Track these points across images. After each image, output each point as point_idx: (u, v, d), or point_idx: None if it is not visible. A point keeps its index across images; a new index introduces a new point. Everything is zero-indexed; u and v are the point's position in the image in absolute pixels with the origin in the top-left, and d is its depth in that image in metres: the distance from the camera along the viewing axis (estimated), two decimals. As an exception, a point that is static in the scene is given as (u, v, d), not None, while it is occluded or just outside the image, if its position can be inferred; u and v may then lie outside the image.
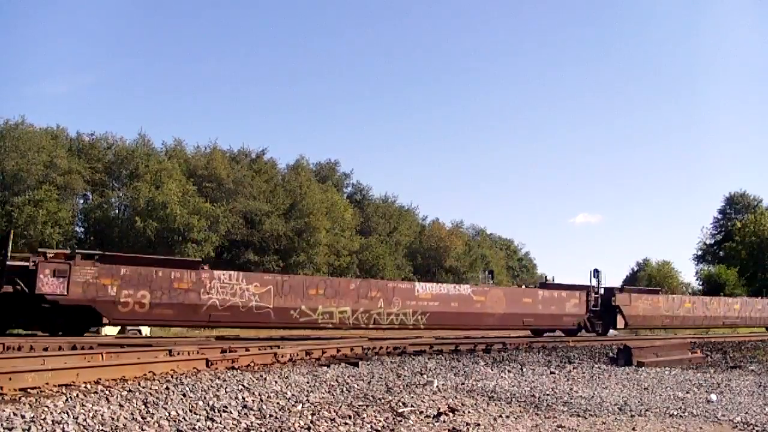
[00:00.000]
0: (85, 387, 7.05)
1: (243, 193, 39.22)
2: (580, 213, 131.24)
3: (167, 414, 5.91)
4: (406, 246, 52.45)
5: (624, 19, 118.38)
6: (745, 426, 6.79)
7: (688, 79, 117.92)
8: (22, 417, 5.27)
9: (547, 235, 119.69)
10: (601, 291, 23.37)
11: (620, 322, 23.40)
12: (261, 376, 8.70)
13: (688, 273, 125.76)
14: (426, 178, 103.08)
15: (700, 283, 52.96)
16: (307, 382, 8.52)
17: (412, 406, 7.08)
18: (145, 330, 20.54)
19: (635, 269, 71.31)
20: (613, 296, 23.26)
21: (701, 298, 30.27)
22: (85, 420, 5.41)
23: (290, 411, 6.51)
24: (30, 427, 5.03)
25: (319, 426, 5.83)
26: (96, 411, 5.73)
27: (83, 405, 5.91)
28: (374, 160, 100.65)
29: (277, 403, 6.91)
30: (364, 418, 6.26)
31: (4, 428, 4.98)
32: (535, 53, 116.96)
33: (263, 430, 5.65)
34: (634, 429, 6.40)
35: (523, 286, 24.95)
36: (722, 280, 47.67)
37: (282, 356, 11.12)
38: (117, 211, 37.17)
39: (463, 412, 6.86)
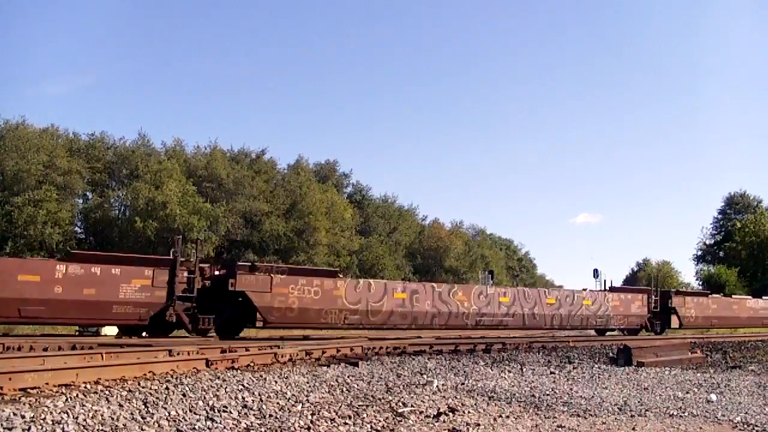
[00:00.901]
0: (85, 387, 7.04)
1: (243, 193, 39.22)
2: (581, 213, 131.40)
3: (167, 414, 5.91)
4: (406, 246, 52.47)
5: (624, 19, 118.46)
6: (745, 426, 6.79)
7: (688, 79, 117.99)
8: (22, 417, 5.27)
9: (548, 236, 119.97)
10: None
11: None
12: (261, 376, 8.70)
13: (688, 273, 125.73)
14: (426, 178, 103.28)
15: (700, 283, 52.91)
16: (307, 382, 8.51)
17: (412, 406, 7.08)
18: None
19: (635, 269, 71.41)
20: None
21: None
22: (85, 420, 5.40)
23: (290, 411, 6.51)
24: (30, 427, 5.03)
25: (319, 426, 5.83)
26: (96, 411, 5.73)
27: (83, 405, 5.90)
28: (374, 160, 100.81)
29: (277, 403, 6.91)
30: (364, 418, 6.26)
31: (4, 428, 4.97)
32: (535, 53, 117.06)
33: (263, 430, 5.65)
34: (634, 429, 6.40)
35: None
36: (722, 281, 47.65)
37: (282, 356, 11.12)
38: (117, 211, 37.17)
39: (463, 412, 6.86)
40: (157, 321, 15.14)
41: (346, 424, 5.98)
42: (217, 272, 16.73)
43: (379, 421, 6.19)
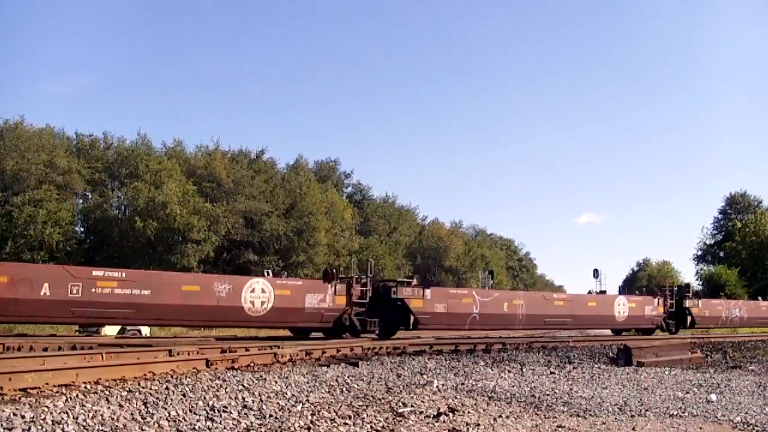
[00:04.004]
0: (85, 387, 7.04)
1: (243, 193, 39.19)
2: (585, 213, 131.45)
3: (167, 414, 5.91)
4: (406, 246, 52.47)
5: (624, 19, 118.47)
6: (745, 426, 6.79)
7: (688, 79, 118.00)
8: (22, 417, 5.27)
9: (549, 236, 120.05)
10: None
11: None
12: (261, 376, 8.70)
13: (688, 273, 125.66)
14: (426, 178, 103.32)
15: (701, 283, 52.91)
16: (307, 382, 8.51)
17: (412, 406, 7.08)
18: (145, 330, 20.53)
19: (635, 269, 71.43)
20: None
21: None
22: (85, 420, 5.41)
23: (290, 411, 6.51)
24: (30, 427, 5.03)
25: (319, 426, 5.83)
26: (96, 411, 5.73)
27: (83, 405, 5.90)
28: (374, 160, 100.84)
29: (277, 403, 6.91)
30: (364, 418, 6.26)
31: (4, 428, 4.98)
32: (536, 52, 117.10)
33: (263, 430, 5.65)
34: (634, 429, 6.40)
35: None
36: (722, 281, 47.64)
37: (282, 356, 11.12)
38: (117, 211, 37.14)
39: (463, 412, 6.86)
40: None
41: (346, 424, 5.98)
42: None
43: (379, 421, 6.19)
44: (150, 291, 14.80)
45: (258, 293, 16.32)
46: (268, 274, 18.58)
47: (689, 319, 26.85)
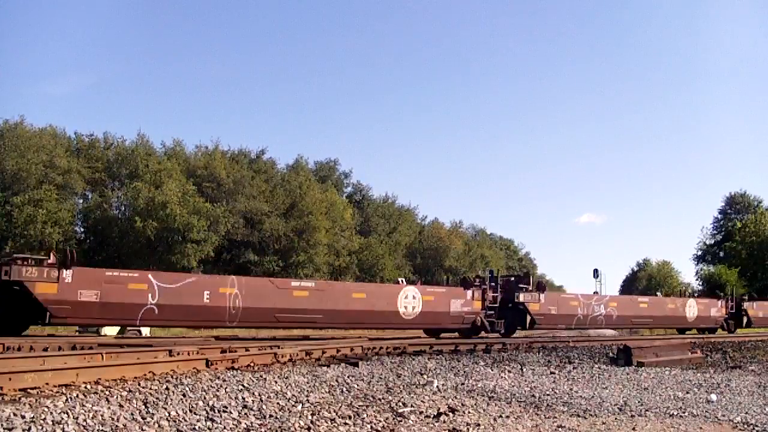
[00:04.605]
0: (85, 387, 7.04)
1: (243, 193, 39.21)
2: (585, 213, 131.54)
3: (167, 414, 5.91)
4: (406, 246, 52.47)
5: (624, 19, 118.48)
6: (745, 426, 6.79)
7: (688, 79, 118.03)
8: (22, 417, 5.27)
9: (549, 236, 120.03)
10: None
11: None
12: (261, 376, 8.70)
13: (688, 273, 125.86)
14: (426, 178, 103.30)
15: (701, 283, 52.96)
16: (307, 382, 8.51)
17: (412, 406, 7.08)
18: (145, 330, 20.54)
19: (635, 269, 71.44)
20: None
21: None
22: (85, 420, 5.41)
23: (290, 411, 6.51)
24: (30, 427, 5.03)
25: (319, 426, 5.83)
26: (96, 411, 5.73)
27: (83, 405, 5.90)
28: (374, 160, 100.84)
29: (277, 403, 6.91)
30: (364, 418, 6.26)
31: (4, 428, 4.98)
32: (536, 52, 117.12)
33: (263, 430, 5.65)
34: (634, 429, 6.40)
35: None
36: (723, 281, 47.68)
37: (282, 356, 11.12)
38: (116, 211, 37.16)
39: (463, 412, 6.86)
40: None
41: (346, 424, 5.98)
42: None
43: (379, 421, 6.19)
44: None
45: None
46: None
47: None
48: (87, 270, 15.55)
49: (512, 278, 24.00)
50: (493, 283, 21.69)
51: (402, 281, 22.01)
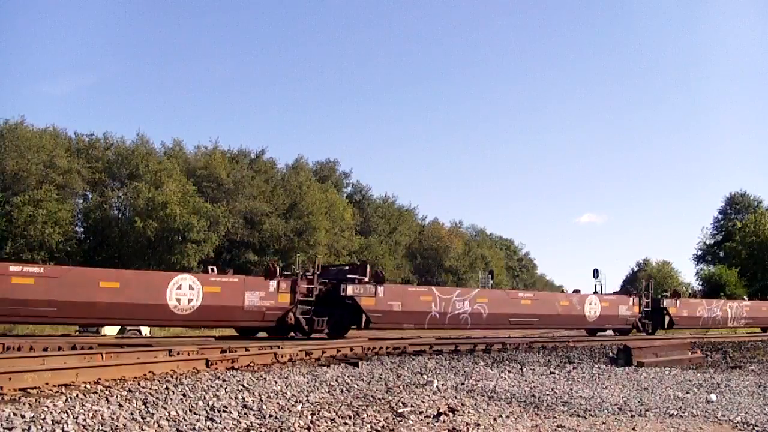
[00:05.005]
0: (85, 387, 7.05)
1: (243, 193, 39.20)
2: (586, 213, 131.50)
3: (167, 414, 5.91)
4: (406, 246, 52.44)
5: (624, 19, 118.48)
6: (745, 426, 6.78)
7: (688, 79, 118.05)
8: (22, 417, 5.27)
9: (550, 236, 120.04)
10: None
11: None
12: (261, 376, 8.70)
13: (688, 273, 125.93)
14: (426, 178, 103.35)
15: (700, 283, 52.93)
16: (307, 382, 8.51)
17: (412, 406, 7.08)
18: (145, 330, 20.53)
19: (635, 269, 71.43)
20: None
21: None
22: (84, 420, 5.41)
23: (290, 411, 6.51)
24: (30, 427, 5.03)
25: (319, 426, 5.82)
26: (96, 411, 5.73)
27: (83, 405, 5.91)
28: (374, 160, 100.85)
29: (277, 403, 6.91)
30: (364, 418, 6.26)
31: (4, 428, 4.98)
32: (536, 52, 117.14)
33: (263, 430, 5.65)
34: (634, 429, 6.40)
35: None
36: (722, 281, 47.66)
37: (282, 356, 11.12)
38: (117, 211, 37.14)
39: (463, 412, 6.86)
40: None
41: (346, 424, 5.98)
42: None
43: (379, 421, 6.19)
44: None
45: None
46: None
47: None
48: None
49: (346, 267, 20.51)
50: (309, 274, 17.65)
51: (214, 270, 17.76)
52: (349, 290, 17.68)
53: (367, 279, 18.49)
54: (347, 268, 20.02)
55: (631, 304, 24.72)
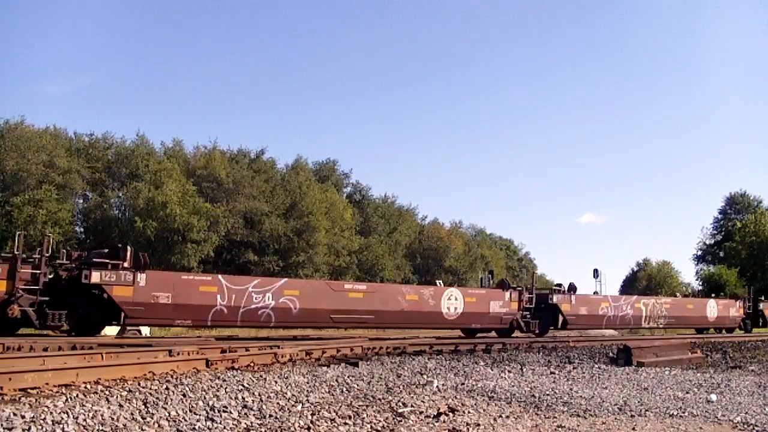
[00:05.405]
0: (85, 387, 7.05)
1: (242, 193, 39.21)
2: (586, 213, 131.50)
3: (167, 414, 5.91)
4: (406, 246, 52.44)
5: (625, 19, 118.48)
6: (745, 426, 6.78)
7: (688, 79, 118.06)
8: (22, 417, 5.27)
9: (550, 236, 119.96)
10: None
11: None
12: (261, 376, 8.70)
13: (688, 273, 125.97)
14: (426, 178, 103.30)
15: (701, 283, 52.93)
16: (307, 382, 8.51)
17: (412, 406, 7.08)
18: (145, 330, 20.53)
19: (635, 269, 71.44)
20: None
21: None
22: (85, 420, 5.41)
23: (290, 411, 6.51)
24: (30, 427, 5.03)
25: (319, 426, 5.83)
26: (96, 411, 5.73)
27: (83, 405, 5.91)
28: (374, 160, 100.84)
29: (277, 403, 6.91)
30: (364, 418, 6.26)
31: (4, 428, 4.98)
32: (536, 52, 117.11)
33: (263, 430, 5.65)
34: (634, 429, 6.40)
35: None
36: (722, 281, 47.67)
37: (282, 356, 11.12)
38: (117, 211, 37.16)
39: (463, 412, 6.86)
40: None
41: (346, 424, 5.98)
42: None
43: (379, 421, 6.19)
44: None
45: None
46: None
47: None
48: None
49: (104, 251, 16.34)
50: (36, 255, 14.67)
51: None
52: (95, 277, 14.47)
53: (126, 264, 15.32)
54: (105, 251, 15.86)
55: (508, 299, 20.82)
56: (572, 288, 23.31)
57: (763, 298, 31.04)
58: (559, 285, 24.61)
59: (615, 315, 24.47)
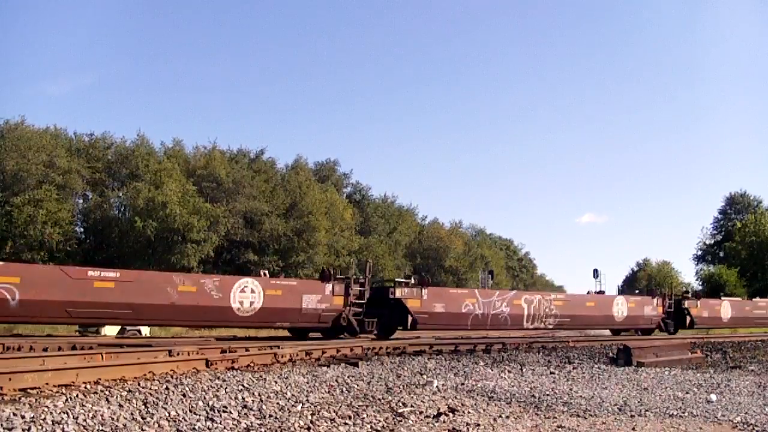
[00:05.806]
0: (85, 387, 7.04)
1: (242, 193, 39.17)
2: (586, 213, 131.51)
3: (167, 414, 5.91)
4: (406, 246, 52.42)
5: (625, 19, 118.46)
6: (745, 426, 6.78)
7: (688, 79, 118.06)
8: (22, 417, 5.27)
9: (550, 236, 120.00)
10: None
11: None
12: (261, 376, 8.70)
13: (688, 273, 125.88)
14: (426, 178, 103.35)
15: (701, 283, 52.90)
16: (307, 382, 8.51)
17: (411, 406, 7.08)
18: (145, 330, 20.52)
19: (635, 269, 71.44)
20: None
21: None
22: (85, 420, 5.41)
23: (290, 411, 6.51)
24: (30, 427, 5.03)
25: (318, 426, 5.83)
26: (96, 411, 5.73)
27: (83, 405, 5.91)
28: (374, 160, 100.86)
29: (277, 403, 6.91)
30: (363, 418, 6.26)
31: (4, 428, 4.98)
32: (536, 52, 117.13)
33: (263, 430, 5.65)
34: (634, 429, 6.40)
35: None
36: (722, 281, 47.64)
37: (282, 356, 11.12)
38: (117, 211, 37.11)
39: (463, 412, 6.86)
40: None
41: (346, 424, 5.98)
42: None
43: (379, 421, 6.19)
44: None
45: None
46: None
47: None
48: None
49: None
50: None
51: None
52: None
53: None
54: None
55: (329, 292, 17.40)
56: (423, 282, 19.60)
57: (689, 295, 27.59)
58: (408, 277, 22.32)
59: (485, 314, 19.97)
